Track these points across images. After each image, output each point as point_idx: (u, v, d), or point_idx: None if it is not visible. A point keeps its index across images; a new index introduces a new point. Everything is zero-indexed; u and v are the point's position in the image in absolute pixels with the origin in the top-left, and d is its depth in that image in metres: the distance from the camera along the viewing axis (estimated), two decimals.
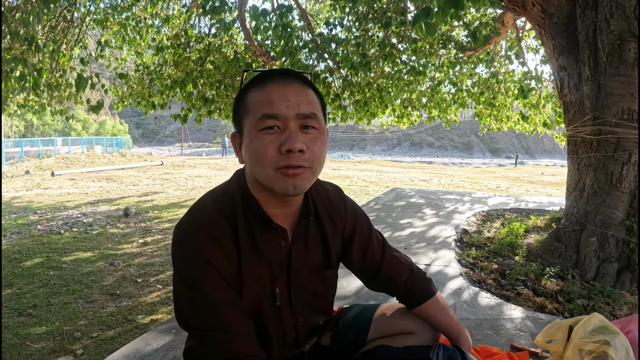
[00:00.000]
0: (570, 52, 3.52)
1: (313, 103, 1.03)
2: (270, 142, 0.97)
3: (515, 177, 16.03)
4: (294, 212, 1.14)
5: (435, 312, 1.30)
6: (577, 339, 1.62)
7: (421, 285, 1.31)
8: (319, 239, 1.21)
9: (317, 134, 1.02)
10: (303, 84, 1.03)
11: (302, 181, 0.99)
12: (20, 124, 42.44)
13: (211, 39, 6.23)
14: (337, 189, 1.32)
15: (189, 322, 1.02)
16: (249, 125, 1.00)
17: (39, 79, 4.37)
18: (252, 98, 1.02)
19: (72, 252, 4.52)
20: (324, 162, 1.05)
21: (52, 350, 2.48)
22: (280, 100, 0.98)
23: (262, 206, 1.07)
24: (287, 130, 0.97)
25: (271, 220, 1.08)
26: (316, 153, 1.01)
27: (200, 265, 0.99)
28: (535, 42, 7.41)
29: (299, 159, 0.97)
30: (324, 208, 1.23)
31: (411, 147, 71.93)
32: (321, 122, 1.04)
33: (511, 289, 2.89)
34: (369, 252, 1.29)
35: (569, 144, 3.61)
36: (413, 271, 1.32)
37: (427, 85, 7.74)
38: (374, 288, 1.36)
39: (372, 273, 1.31)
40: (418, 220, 5.04)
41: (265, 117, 0.97)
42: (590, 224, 3.17)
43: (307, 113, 1.00)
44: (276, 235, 1.10)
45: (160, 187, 11.04)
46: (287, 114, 0.98)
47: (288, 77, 1.02)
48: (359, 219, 1.30)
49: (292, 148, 0.95)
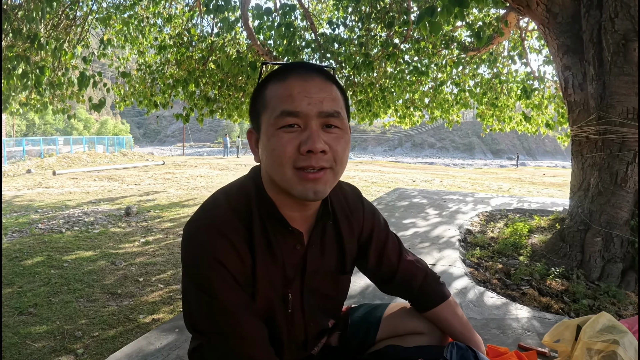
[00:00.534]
0: (574, 51, 3.50)
1: (337, 100, 0.96)
2: (289, 141, 0.90)
3: (517, 178, 16.00)
4: (311, 215, 1.08)
5: (447, 315, 1.26)
6: (586, 338, 1.60)
7: (434, 289, 1.28)
8: (335, 242, 1.16)
9: (341, 133, 0.95)
10: (326, 79, 0.96)
11: (323, 186, 0.93)
12: (22, 123, 42.50)
13: (214, 38, 6.22)
14: (355, 190, 1.27)
15: (199, 326, 0.97)
16: (267, 122, 0.94)
17: (41, 76, 4.36)
18: (271, 93, 0.95)
19: (73, 251, 4.51)
20: (346, 164, 0.99)
21: (53, 350, 2.47)
22: (302, 97, 0.91)
23: (278, 208, 1.02)
24: (308, 129, 0.91)
25: (288, 223, 1.02)
26: (339, 153, 0.94)
27: (211, 266, 0.93)
28: (537, 43, 7.40)
29: (320, 160, 0.91)
30: (342, 211, 1.17)
31: (412, 148, 71.89)
32: (345, 121, 0.97)
33: (516, 288, 2.86)
34: (385, 256, 1.25)
35: (573, 144, 3.59)
36: (427, 274, 1.28)
37: (430, 85, 7.72)
38: (388, 292, 1.32)
39: (387, 277, 1.27)
40: (421, 220, 5.03)
41: (285, 114, 0.91)
42: (595, 224, 3.15)
43: (330, 111, 0.93)
44: (292, 239, 1.05)
45: (162, 187, 11.03)
46: (309, 112, 0.91)
47: (310, 72, 0.95)
48: (376, 222, 1.25)
49: (314, 149, 0.89)
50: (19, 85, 4.42)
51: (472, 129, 69.44)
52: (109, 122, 52.21)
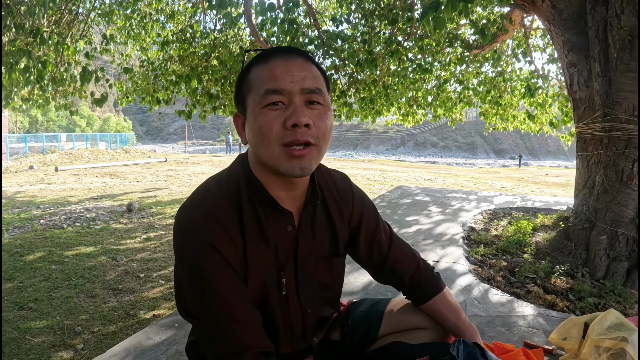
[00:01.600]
0: (580, 48, 3.47)
1: (317, 78, 0.99)
2: (275, 118, 0.93)
3: (520, 178, 15.96)
4: (299, 195, 1.09)
5: (442, 309, 1.24)
6: (594, 335, 1.58)
7: (428, 281, 1.26)
8: (326, 225, 1.17)
9: (323, 110, 0.98)
10: (306, 60, 1.00)
11: (309, 161, 0.95)
12: (24, 119, 42.58)
13: (217, 35, 6.19)
14: (344, 176, 1.27)
15: (192, 311, 0.97)
16: (253, 102, 0.97)
17: (44, 71, 4.34)
18: (255, 75, 0.98)
19: (75, 246, 4.50)
20: (330, 140, 1.01)
21: (53, 345, 2.45)
22: (285, 75, 0.94)
23: (267, 189, 1.03)
24: (292, 105, 0.94)
25: (277, 203, 1.03)
26: (322, 129, 0.97)
27: (204, 250, 0.94)
28: (542, 42, 7.34)
29: (305, 134, 0.93)
30: (331, 194, 1.18)
31: (415, 147, 71.84)
32: (326, 97, 1.00)
33: (521, 286, 2.84)
34: (376, 243, 1.24)
35: (578, 141, 3.56)
36: (420, 266, 1.27)
37: (433, 83, 7.67)
38: (382, 281, 1.31)
39: (378, 265, 1.26)
40: (424, 217, 5.00)
41: (269, 92, 0.94)
42: (600, 222, 3.12)
43: (312, 88, 0.96)
44: (282, 220, 1.06)
45: (164, 184, 11.03)
46: (292, 89, 0.94)
47: (291, 53, 0.99)
48: (366, 208, 1.25)
49: (298, 122, 0.91)
50: (21, 80, 4.41)
51: (474, 128, 69.37)
52: (112, 119, 52.30)
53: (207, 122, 76.88)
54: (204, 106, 6.59)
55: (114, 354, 1.79)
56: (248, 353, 0.93)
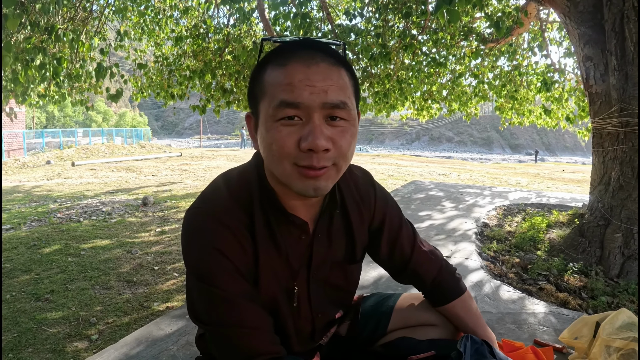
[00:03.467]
0: (596, 41, 3.40)
1: (343, 88, 0.86)
2: (288, 135, 0.83)
3: (536, 174, 15.75)
4: (316, 203, 1.02)
5: (461, 313, 1.22)
6: (605, 335, 1.56)
7: (449, 284, 1.22)
8: (344, 231, 1.10)
9: (347, 126, 0.86)
10: (333, 64, 0.86)
11: (325, 182, 0.86)
12: (41, 115, 43.20)
13: (230, 30, 6.21)
14: (367, 174, 1.19)
15: (201, 317, 0.93)
16: (265, 111, 0.86)
17: (59, 67, 4.41)
18: (270, 78, 0.86)
19: (91, 239, 4.57)
20: (351, 158, 0.91)
21: (68, 335, 2.50)
22: (304, 85, 0.81)
23: (279, 197, 0.97)
24: (310, 123, 0.82)
25: (289, 214, 0.98)
26: (343, 149, 0.86)
27: (212, 256, 0.90)
28: (558, 35, 7.23)
29: (322, 159, 0.83)
30: (351, 196, 1.11)
31: (430, 141, 71.31)
32: (352, 112, 0.87)
33: (533, 283, 2.81)
34: (398, 246, 1.18)
35: (594, 137, 3.50)
36: (442, 268, 1.23)
37: (448, 77, 7.61)
38: (401, 281, 1.27)
39: (399, 267, 1.22)
40: (437, 212, 4.97)
41: (284, 104, 0.82)
42: (616, 219, 3.07)
43: (336, 102, 0.83)
44: (295, 229, 1.01)
45: (179, 178, 11.12)
46: (311, 103, 0.82)
47: (315, 55, 0.85)
48: (389, 209, 1.18)
49: (315, 147, 0.81)
50: (37, 77, 4.48)
51: (490, 123, 68.59)
52: (127, 115, 52.78)
53: (222, 116, 77.22)
54: (218, 101, 6.64)
55: (125, 343, 1.83)
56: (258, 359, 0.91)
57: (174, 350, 1.77)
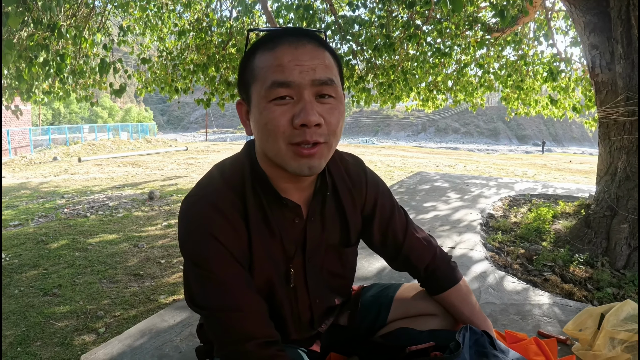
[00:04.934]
0: (602, 29, 3.36)
1: (330, 67, 0.91)
2: (282, 114, 0.86)
3: (543, 165, 15.67)
4: (308, 186, 1.05)
5: (456, 302, 1.22)
6: (609, 327, 1.55)
7: (443, 272, 1.23)
8: (337, 215, 1.13)
9: (335, 104, 0.91)
10: (318, 45, 0.91)
11: (318, 161, 0.90)
12: (47, 112, 43.41)
13: (233, 23, 6.19)
14: (358, 160, 1.21)
15: (198, 301, 0.96)
16: (258, 94, 0.89)
17: (63, 64, 4.42)
18: (260, 62, 0.90)
19: (98, 234, 4.60)
20: (341, 135, 0.95)
21: (76, 329, 2.52)
22: (293, 65, 0.86)
23: (272, 181, 0.99)
24: (302, 100, 0.86)
25: (281, 197, 1.00)
26: (333, 125, 0.90)
27: (206, 241, 0.92)
28: (564, 24, 7.14)
29: (314, 134, 0.87)
30: (343, 181, 1.13)
31: (436, 133, 71.06)
32: (339, 89, 0.92)
33: (538, 274, 2.80)
34: (390, 230, 1.19)
35: (600, 127, 3.46)
36: (436, 255, 1.23)
37: (453, 68, 7.55)
38: (396, 268, 1.28)
39: (393, 253, 1.23)
40: (442, 203, 4.95)
41: (275, 84, 0.86)
42: (622, 210, 3.04)
43: (324, 79, 0.88)
44: (288, 212, 1.03)
45: (185, 172, 11.16)
46: (301, 81, 0.86)
47: (301, 38, 0.90)
48: (380, 195, 1.19)
49: (307, 122, 0.85)
50: (41, 74, 4.49)
51: (497, 113, 68.23)
52: (133, 110, 52.98)
53: (227, 110, 77.30)
54: (223, 94, 6.63)
55: (129, 335, 1.84)
56: (252, 343, 0.92)
57: (177, 341, 1.78)
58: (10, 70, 4.58)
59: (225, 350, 0.95)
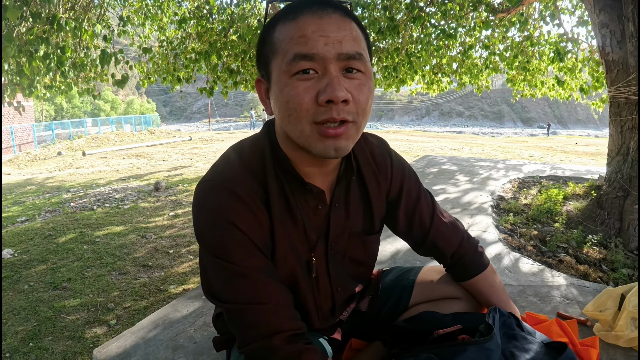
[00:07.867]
0: (612, 7, 3.27)
1: (358, 40, 0.82)
2: (305, 90, 0.78)
3: (549, 147, 15.56)
4: (332, 170, 0.98)
5: (483, 288, 1.18)
6: (630, 307, 1.51)
7: (471, 258, 1.18)
8: (361, 201, 1.07)
9: (364, 79, 0.82)
10: (344, 15, 0.82)
11: (345, 142, 0.81)
12: (50, 107, 43.37)
13: (234, 9, 6.12)
14: (383, 142, 1.14)
15: (218, 295, 0.89)
16: (279, 69, 0.81)
17: (63, 57, 4.37)
18: (280, 34, 0.81)
19: (105, 226, 4.59)
20: (369, 115, 0.86)
21: (87, 322, 2.52)
22: (317, 36, 0.77)
23: (294, 165, 0.92)
24: (327, 75, 0.78)
25: (305, 182, 0.93)
26: (362, 103, 0.81)
27: (225, 230, 0.85)
28: (570, 4, 7.01)
29: (342, 111, 0.78)
30: (368, 165, 1.06)
31: (440, 116, 70.64)
32: (368, 64, 0.83)
33: (552, 256, 2.76)
34: (417, 216, 1.13)
35: (611, 106, 3.39)
36: (464, 240, 1.17)
37: (458, 50, 7.44)
38: (422, 254, 1.23)
39: (419, 239, 1.17)
40: (451, 186, 4.91)
41: (298, 57, 0.77)
42: (635, 190, 2.99)
43: (352, 52, 0.79)
44: (312, 198, 0.96)
45: (190, 162, 11.15)
46: (326, 54, 0.77)
47: (326, 7, 0.80)
48: (407, 179, 1.13)
49: (334, 98, 0.76)
50: (42, 68, 4.44)
51: (501, 96, 67.70)
52: (135, 102, 52.86)
53: (230, 99, 77.13)
54: (225, 82, 6.58)
55: (142, 327, 1.82)
56: (278, 337, 0.86)
57: (191, 331, 1.76)
58: (11, 65, 4.53)
59: (251, 347, 0.88)
